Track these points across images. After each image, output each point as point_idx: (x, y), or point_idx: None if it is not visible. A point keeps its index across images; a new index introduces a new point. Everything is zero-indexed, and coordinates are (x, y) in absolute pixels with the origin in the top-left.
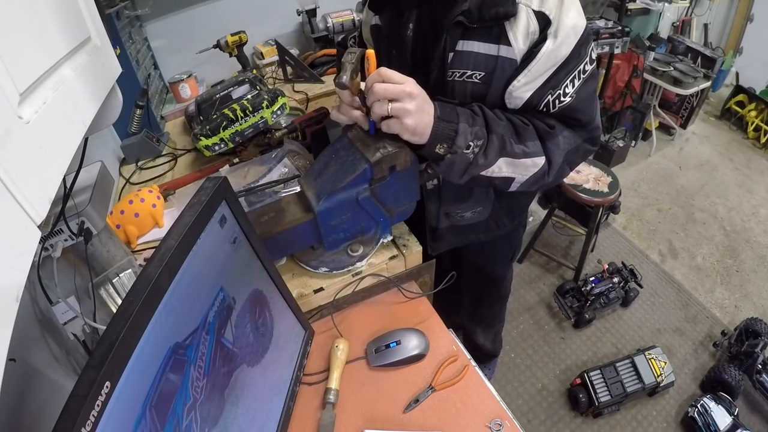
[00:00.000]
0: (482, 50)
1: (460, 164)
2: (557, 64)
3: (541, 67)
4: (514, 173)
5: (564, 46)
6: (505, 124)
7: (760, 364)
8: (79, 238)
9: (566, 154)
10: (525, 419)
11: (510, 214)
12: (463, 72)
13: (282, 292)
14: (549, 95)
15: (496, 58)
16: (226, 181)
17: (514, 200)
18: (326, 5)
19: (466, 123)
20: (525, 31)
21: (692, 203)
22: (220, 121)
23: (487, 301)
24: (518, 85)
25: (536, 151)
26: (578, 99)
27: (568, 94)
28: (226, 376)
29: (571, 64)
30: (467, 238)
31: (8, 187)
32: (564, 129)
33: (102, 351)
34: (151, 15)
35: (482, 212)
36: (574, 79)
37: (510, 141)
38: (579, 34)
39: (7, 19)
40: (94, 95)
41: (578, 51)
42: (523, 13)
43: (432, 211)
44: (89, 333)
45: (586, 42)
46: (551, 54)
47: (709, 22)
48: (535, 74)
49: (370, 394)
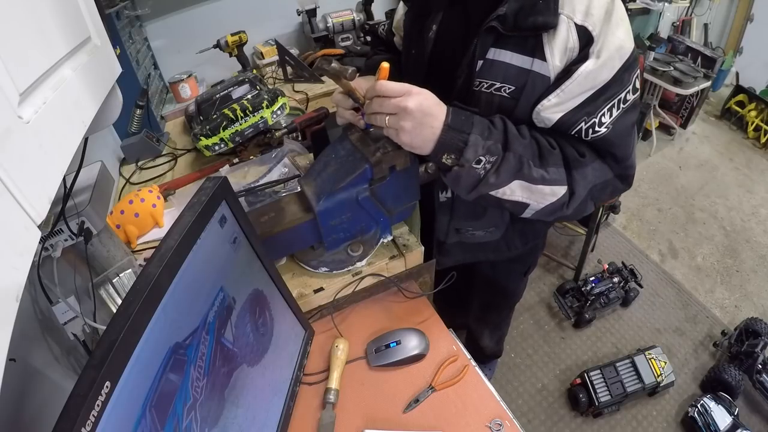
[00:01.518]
0: (515, 62)
1: (468, 179)
2: (596, 87)
3: (577, 89)
4: (529, 199)
5: (606, 69)
6: (528, 143)
7: (760, 364)
8: (79, 238)
9: (592, 189)
10: (525, 419)
11: (523, 237)
12: (491, 83)
13: (282, 292)
14: (583, 123)
15: (528, 72)
16: (226, 181)
17: (529, 225)
18: (326, 5)
19: (480, 135)
20: (563, 47)
21: (692, 203)
22: (220, 121)
23: (497, 308)
24: (548, 104)
25: (557, 179)
26: (615, 132)
27: (605, 123)
28: (226, 376)
29: (612, 90)
30: (476, 256)
31: (8, 187)
32: (595, 159)
33: (102, 351)
34: (151, 15)
35: (494, 233)
36: (612, 108)
37: (529, 163)
38: (624, 58)
39: (7, 19)
40: (94, 95)
41: (621, 77)
42: (564, 26)
43: (442, 224)
44: (89, 333)
45: (631, 68)
46: (590, 75)
47: (709, 22)
48: (569, 95)
49: (370, 394)
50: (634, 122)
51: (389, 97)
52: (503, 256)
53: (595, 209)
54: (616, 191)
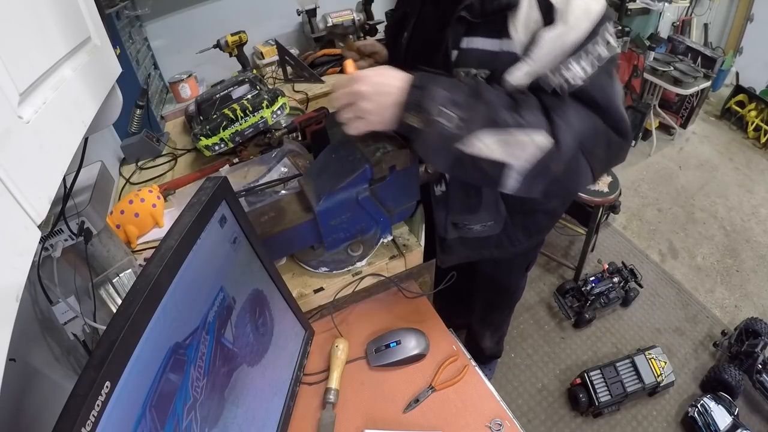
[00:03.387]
0: (486, 47)
1: (435, 137)
2: (566, 52)
3: (544, 53)
4: (508, 156)
5: (573, 31)
6: (499, 93)
7: (760, 364)
8: (79, 238)
9: (582, 139)
10: (525, 419)
11: (526, 231)
12: (468, 71)
13: (282, 292)
14: (556, 78)
15: (497, 54)
16: (226, 181)
17: (531, 217)
18: (326, 5)
19: (442, 88)
20: (525, 20)
21: (692, 203)
22: (220, 121)
23: (499, 307)
24: (518, 73)
25: (534, 123)
26: (592, 84)
27: (580, 77)
28: (226, 376)
29: (583, 49)
30: (479, 252)
31: (8, 187)
32: (577, 103)
33: (102, 351)
34: (151, 15)
35: (493, 227)
36: (585, 65)
37: (500, 108)
38: (593, 18)
39: (7, 19)
40: (94, 95)
41: (592, 36)
42: (525, 2)
43: (440, 219)
44: (89, 333)
45: (601, 24)
46: (558, 39)
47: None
48: (538, 61)
49: (370, 394)
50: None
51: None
52: (507, 252)
53: (595, 210)
54: (611, 144)
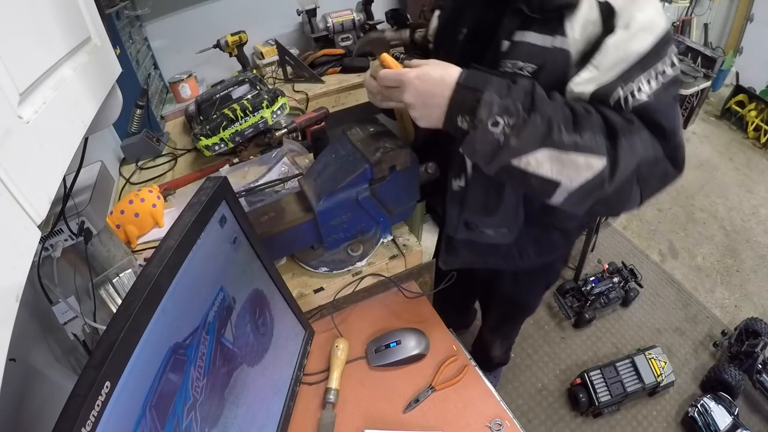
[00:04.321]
0: (538, 42)
1: (484, 144)
2: (630, 60)
3: (608, 61)
4: (560, 174)
5: (636, 41)
6: (559, 106)
7: (760, 364)
8: (79, 238)
9: (640, 164)
10: (525, 419)
11: (537, 247)
12: (515, 63)
13: (282, 292)
14: (620, 89)
15: (548, 50)
16: (226, 181)
17: (545, 234)
18: (326, 5)
19: (496, 93)
20: (584, 20)
21: (692, 203)
22: (220, 121)
23: (513, 320)
24: (580, 80)
25: (593, 147)
26: (658, 101)
27: (644, 91)
28: (226, 376)
29: (648, 64)
30: (485, 260)
31: (8, 187)
32: (644, 129)
33: (102, 351)
34: (151, 15)
35: (506, 235)
36: (651, 79)
37: (560, 127)
38: (657, 33)
39: (8, 19)
40: (94, 95)
41: (657, 51)
42: (586, 3)
43: (452, 217)
44: (89, 333)
45: (666, 44)
46: (620, 45)
47: (709, 22)
48: (602, 68)
49: (370, 394)
50: (677, 97)
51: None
52: (514, 265)
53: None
54: (666, 175)
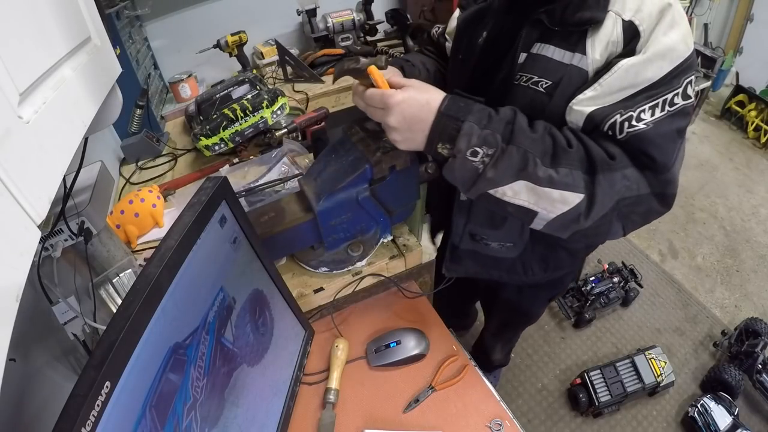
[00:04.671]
0: (556, 56)
1: (463, 172)
2: (638, 86)
3: (616, 83)
4: (536, 205)
5: (652, 67)
6: (538, 138)
7: (760, 364)
8: (79, 238)
9: (619, 202)
10: (525, 419)
11: (543, 264)
12: (530, 77)
13: (282, 292)
14: (618, 115)
15: (566, 66)
16: (226, 181)
17: (551, 251)
18: (326, 5)
19: (476, 123)
20: (605, 41)
21: (692, 203)
22: (220, 121)
23: (515, 327)
24: (582, 98)
25: (569, 182)
26: (655, 130)
27: (644, 120)
28: (226, 376)
29: (657, 91)
30: (488, 272)
31: (8, 187)
32: (629, 166)
33: (102, 351)
34: (151, 15)
35: (511, 249)
36: (655, 107)
37: (535, 161)
38: (676, 61)
39: (8, 19)
40: (94, 95)
41: (670, 80)
42: (610, 21)
43: (458, 226)
44: (89, 333)
45: (683, 73)
46: (632, 69)
47: (709, 22)
48: (607, 90)
49: (370, 394)
50: (682, 130)
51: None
52: (518, 279)
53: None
54: (651, 212)
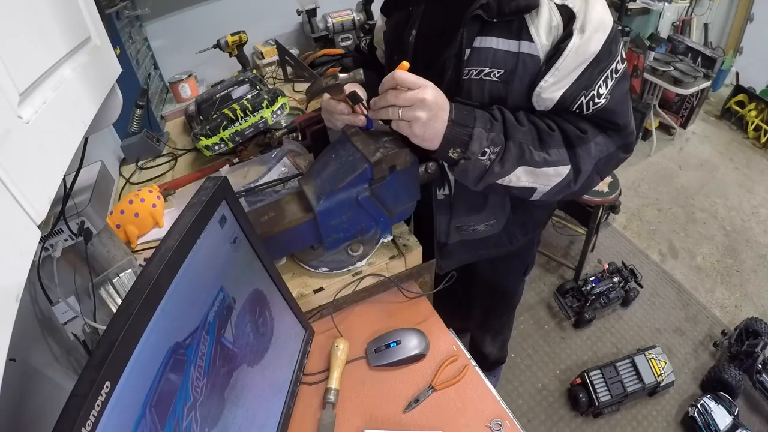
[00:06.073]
0: (501, 46)
1: (475, 171)
2: (587, 60)
3: (570, 64)
4: (535, 183)
5: (593, 42)
6: (526, 130)
7: (760, 364)
8: (79, 238)
9: (597, 163)
10: (525, 419)
11: (523, 228)
12: (480, 69)
13: (282, 292)
14: (582, 96)
15: (517, 54)
16: (226, 180)
17: (529, 214)
18: (326, 5)
19: (483, 128)
20: (547, 26)
21: (692, 203)
22: (220, 121)
23: (497, 312)
24: (546, 85)
25: (559, 159)
26: (613, 100)
27: (602, 95)
28: (226, 376)
29: (603, 62)
30: (478, 253)
31: (8, 187)
32: (597, 134)
33: (102, 351)
34: (151, 15)
35: (496, 225)
36: (607, 78)
37: (530, 149)
38: (607, 31)
39: (8, 19)
40: (94, 95)
41: (609, 49)
42: (545, 7)
43: (442, 224)
44: (89, 333)
45: (615, 40)
46: (579, 50)
47: (709, 21)
48: (564, 72)
49: (370, 394)
50: (628, 89)
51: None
52: (504, 250)
53: (595, 210)
54: (619, 161)
